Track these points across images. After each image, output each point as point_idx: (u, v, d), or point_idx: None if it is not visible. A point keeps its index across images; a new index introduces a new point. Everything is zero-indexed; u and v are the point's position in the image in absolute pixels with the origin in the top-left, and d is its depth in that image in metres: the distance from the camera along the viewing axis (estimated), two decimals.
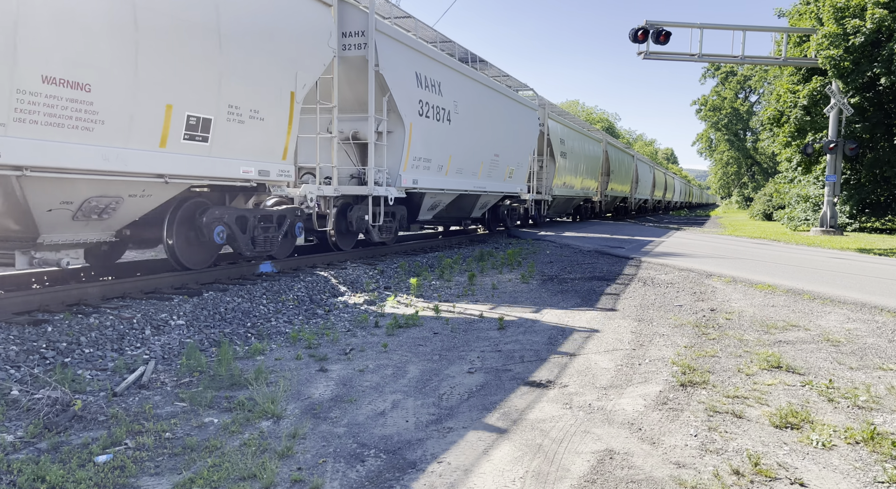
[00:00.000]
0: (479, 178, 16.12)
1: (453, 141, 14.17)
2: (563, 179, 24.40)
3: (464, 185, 15.14)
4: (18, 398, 4.23)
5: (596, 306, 8.14)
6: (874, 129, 23.97)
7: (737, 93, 69.62)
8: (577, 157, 26.64)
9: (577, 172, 26.83)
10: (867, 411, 4.31)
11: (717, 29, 23.08)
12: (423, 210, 14.17)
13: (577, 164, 26.45)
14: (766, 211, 42.40)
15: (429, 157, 12.97)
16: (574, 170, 25.99)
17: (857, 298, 8.44)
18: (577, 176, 26.85)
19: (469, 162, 15.28)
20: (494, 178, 17.09)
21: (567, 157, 24.72)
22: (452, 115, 14.00)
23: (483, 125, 15.93)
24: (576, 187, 26.89)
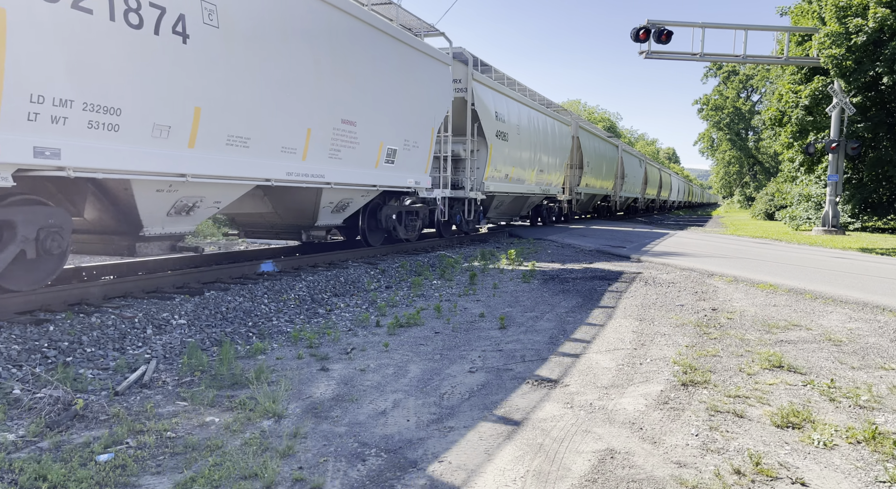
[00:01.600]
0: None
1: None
2: (503, 172, 17.70)
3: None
4: (20, 397, 4.23)
5: (597, 306, 8.13)
6: (876, 128, 23.93)
7: (739, 92, 69.55)
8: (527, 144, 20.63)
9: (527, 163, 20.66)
10: (869, 411, 4.30)
11: (719, 28, 23.06)
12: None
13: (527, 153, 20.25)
14: (768, 210, 42.36)
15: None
16: (518, 160, 18.88)
17: (858, 298, 8.43)
18: (530, 168, 20.30)
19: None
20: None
21: (509, 140, 17.93)
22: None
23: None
24: (529, 182, 20.12)
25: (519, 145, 17.79)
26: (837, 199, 23.66)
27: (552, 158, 21.04)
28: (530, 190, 18.53)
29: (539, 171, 19.48)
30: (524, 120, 18.40)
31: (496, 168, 15.38)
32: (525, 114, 18.69)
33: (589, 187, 28.16)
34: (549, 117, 21.05)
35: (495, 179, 15.33)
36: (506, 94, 16.79)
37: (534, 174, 18.40)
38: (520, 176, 18.69)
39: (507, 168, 16.71)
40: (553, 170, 21.19)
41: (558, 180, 23.10)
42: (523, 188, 18.27)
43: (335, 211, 10.80)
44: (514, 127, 17.26)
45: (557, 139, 21.99)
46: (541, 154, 19.53)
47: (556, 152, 21.99)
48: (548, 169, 20.21)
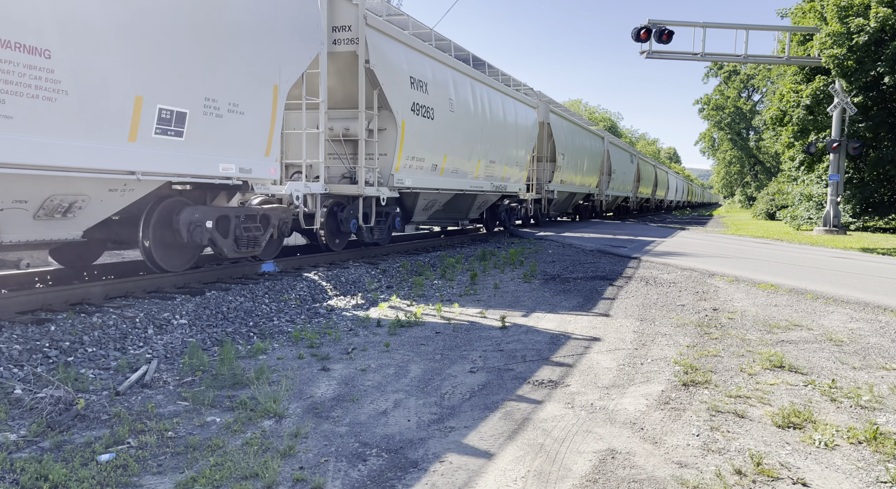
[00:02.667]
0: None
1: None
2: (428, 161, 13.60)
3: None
4: (21, 397, 4.24)
5: (598, 305, 8.13)
6: (878, 128, 23.92)
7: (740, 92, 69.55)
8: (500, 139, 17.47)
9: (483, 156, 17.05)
10: (870, 411, 4.30)
11: (720, 28, 23.07)
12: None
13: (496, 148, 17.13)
14: (769, 210, 42.34)
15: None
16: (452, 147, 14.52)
17: (860, 298, 8.42)
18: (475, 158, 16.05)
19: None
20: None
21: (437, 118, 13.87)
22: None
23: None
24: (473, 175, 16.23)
25: (453, 126, 13.25)
26: (839, 198, 23.65)
27: (510, 148, 16.78)
28: (476, 186, 14.37)
29: (489, 162, 15.41)
30: (463, 93, 13.82)
31: (414, 155, 11.48)
32: (465, 85, 14.05)
33: (566, 184, 23.93)
34: (507, 95, 16.82)
35: (414, 170, 11.38)
36: (432, 56, 12.23)
37: (480, 166, 14.46)
38: (458, 167, 13.98)
39: (435, 156, 12.52)
40: (511, 162, 17.00)
41: (520, 175, 18.52)
42: (464, 183, 14.04)
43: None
44: (445, 101, 12.84)
45: (518, 124, 17.39)
46: (491, 141, 15.33)
47: (515, 140, 17.47)
48: (502, 160, 16.06)
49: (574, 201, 27.28)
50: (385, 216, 11.87)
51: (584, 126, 27.55)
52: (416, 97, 11.72)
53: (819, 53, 22.95)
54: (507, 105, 16.96)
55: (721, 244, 17.76)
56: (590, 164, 27.35)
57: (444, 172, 13.41)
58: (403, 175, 11.63)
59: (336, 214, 10.89)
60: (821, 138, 24.89)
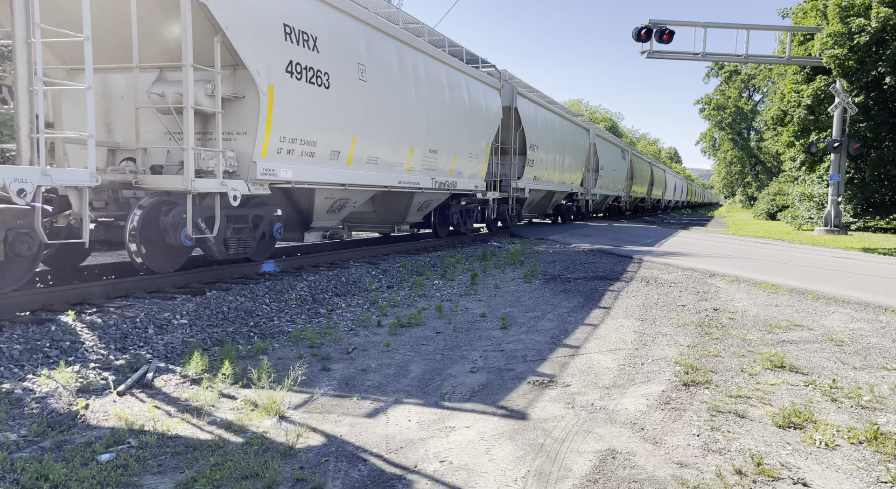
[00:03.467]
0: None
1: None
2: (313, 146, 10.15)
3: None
4: (22, 397, 4.24)
5: (598, 306, 8.13)
6: (879, 128, 23.91)
7: (740, 92, 69.56)
8: None
9: None
10: (870, 411, 4.30)
11: (721, 27, 23.07)
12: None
13: None
14: (770, 210, 42.34)
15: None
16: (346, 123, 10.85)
17: (861, 298, 8.41)
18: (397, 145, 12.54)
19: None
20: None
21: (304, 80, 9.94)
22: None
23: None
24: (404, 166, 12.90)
25: (366, 101, 10.14)
26: (839, 198, 23.64)
27: (460, 135, 13.78)
28: (409, 182, 11.66)
29: (429, 151, 12.45)
30: (383, 58, 10.65)
31: (296, 136, 8.56)
32: (387, 49, 10.86)
33: (541, 181, 20.41)
34: (456, 70, 13.62)
35: (297, 158, 8.68)
36: (328, 1, 9.25)
37: (415, 156, 11.73)
38: (377, 156, 10.77)
39: (335, 139, 9.46)
40: (463, 153, 14.01)
41: (476, 169, 15.16)
42: (389, 178, 11.13)
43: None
44: (350, 65, 9.68)
45: (473, 106, 14.47)
46: (431, 124, 12.33)
47: (469, 126, 14.25)
48: (449, 150, 13.26)
49: (554, 201, 23.91)
50: (250, 222, 8.49)
51: (565, 115, 23.67)
52: (295, 54, 8.40)
53: (820, 53, 22.95)
54: (456, 81, 13.69)
55: (722, 244, 17.75)
56: (572, 158, 23.96)
57: (354, 162, 10.07)
58: (276, 163, 8.32)
59: (158, 220, 7.29)
60: (822, 138, 24.88)
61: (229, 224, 8.13)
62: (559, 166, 22.42)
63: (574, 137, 24.65)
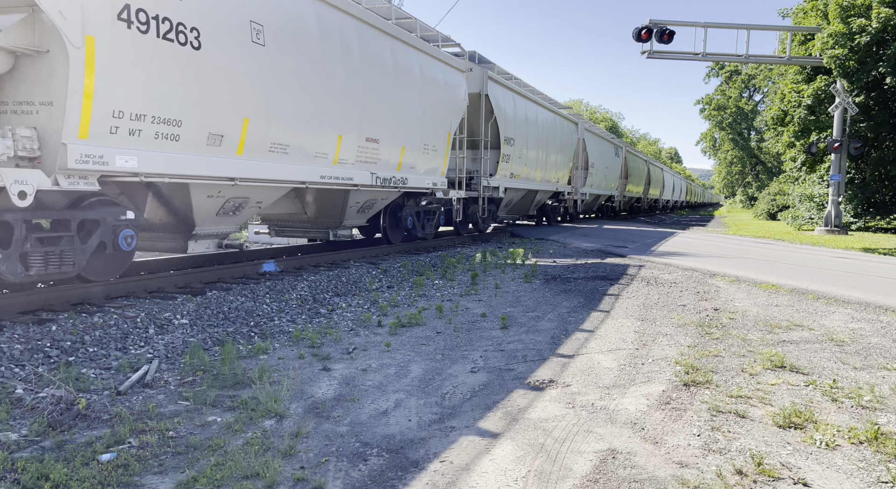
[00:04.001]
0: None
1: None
2: None
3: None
4: (23, 397, 4.24)
5: (599, 306, 8.13)
6: (879, 128, 23.90)
7: (741, 92, 69.52)
8: None
9: None
10: (871, 411, 4.30)
11: (722, 28, 23.07)
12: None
13: None
14: (771, 210, 42.32)
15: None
16: None
17: (861, 298, 8.41)
18: None
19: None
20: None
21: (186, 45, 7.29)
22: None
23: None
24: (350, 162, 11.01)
25: (264, 69, 8.03)
26: (840, 198, 23.63)
27: (412, 122, 11.81)
28: (340, 177, 9.73)
29: (366, 139, 10.40)
30: (290, 17, 8.55)
31: (141, 111, 6.44)
32: (296, 5, 8.71)
33: (519, 179, 18.35)
34: (407, 45, 11.60)
35: (151, 142, 6.64)
36: None
37: (346, 145, 9.86)
38: (290, 142, 8.74)
39: (214, 119, 7.39)
40: (417, 145, 12.02)
41: (434, 164, 13.00)
42: (310, 172, 9.18)
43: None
44: (236, 21, 7.60)
45: (429, 90, 12.25)
46: (368, 106, 10.36)
47: (424, 112, 12.17)
48: (397, 139, 11.32)
49: (537, 201, 21.59)
50: (74, 229, 6.42)
51: (549, 106, 21.32)
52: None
53: (820, 53, 22.94)
54: (406, 59, 11.51)
55: (722, 244, 17.75)
56: (558, 155, 21.85)
57: (249, 150, 7.88)
58: (108, 148, 6.23)
59: None
60: (822, 138, 24.87)
61: (29, 234, 5.97)
62: (542, 163, 20.28)
63: (560, 131, 22.42)
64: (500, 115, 16.33)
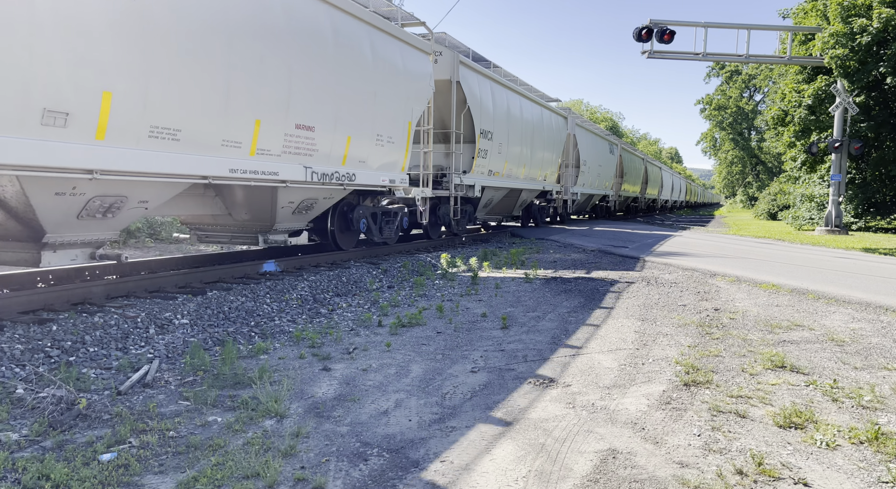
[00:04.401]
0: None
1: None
2: None
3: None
4: (23, 396, 4.25)
5: (599, 306, 8.13)
6: (879, 128, 23.90)
7: (741, 92, 69.52)
8: None
9: None
10: (871, 411, 4.29)
11: (722, 27, 23.09)
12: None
13: None
14: (771, 210, 42.31)
15: None
16: None
17: (862, 298, 8.41)
18: None
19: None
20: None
21: None
22: None
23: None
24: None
25: (71, 15, 5.48)
26: (840, 198, 23.63)
27: (359, 107, 9.92)
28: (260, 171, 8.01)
29: (297, 126, 8.64)
30: None
31: None
32: None
33: (498, 177, 16.62)
34: (342, 12, 9.44)
35: None
36: None
37: (268, 131, 8.09)
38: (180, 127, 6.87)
39: (5, 78, 5.05)
40: (367, 135, 10.29)
41: (393, 158, 11.26)
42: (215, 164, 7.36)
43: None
44: None
45: (380, 68, 10.40)
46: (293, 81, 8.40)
47: (376, 95, 10.32)
48: (340, 127, 9.54)
49: (522, 201, 19.67)
50: None
51: (534, 98, 19.44)
52: None
53: (821, 53, 22.94)
54: (349, 33, 9.62)
55: (722, 244, 17.75)
56: (545, 151, 20.09)
57: (115, 134, 6.09)
58: None
59: None
60: (822, 138, 24.87)
61: None
62: (526, 159, 18.43)
63: (547, 126, 20.47)
64: (474, 105, 14.59)
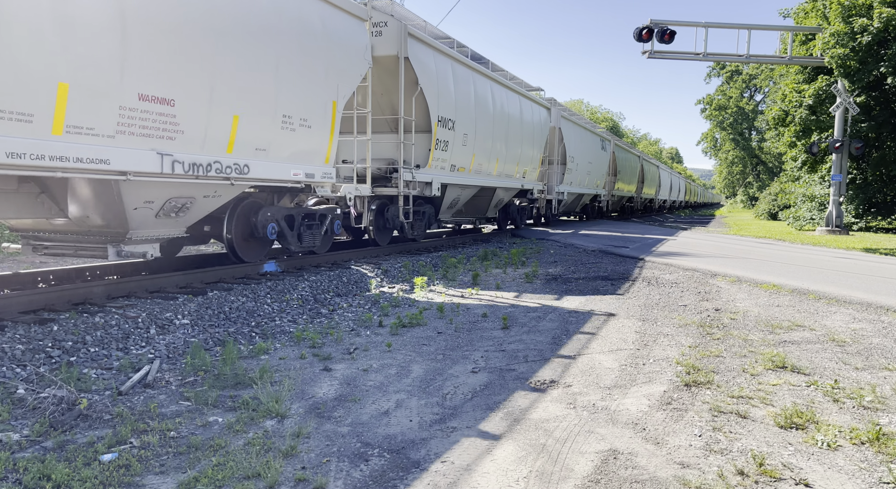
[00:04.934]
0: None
1: None
2: None
3: None
4: (24, 397, 4.25)
5: (600, 306, 8.12)
6: (880, 128, 23.88)
7: (742, 92, 69.48)
8: None
9: None
10: (872, 411, 4.29)
11: (722, 27, 23.07)
12: None
13: None
14: (772, 210, 42.30)
15: None
16: None
17: (862, 298, 8.40)
18: None
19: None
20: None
21: None
22: None
23: None
24: None
25: None
26: (841, 198, 23.62)
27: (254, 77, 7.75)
28: (50, 155, 5.51)
29: (144, 98, 6.31)
30: None
31: None
32: None
33: (461, 173, 14.46)
34: None
35: None
36: None
37: (63, 102, 5.55)
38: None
39: None
40: (272, 119, 8.15)
41: (309, 144, 9.03)
42: None
43: None
44: None
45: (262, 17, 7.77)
46: (126, 30, 6.03)
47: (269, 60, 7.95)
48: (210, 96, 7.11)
49: (498, 200, 17.62)
50: None
51: (509, 85, 17.27)
52: None
53: (821, 53, 22.92)
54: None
55: (723, 244, 17.74)
56: (523, 144, 18.07)
57: None
58: None
59: None
60: (823, 138, 24.85)
61: None
62: (499, 153, 16.40)
63: (527, 117, 18.39)
64: (428, 87, 12.38)
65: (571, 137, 23.70)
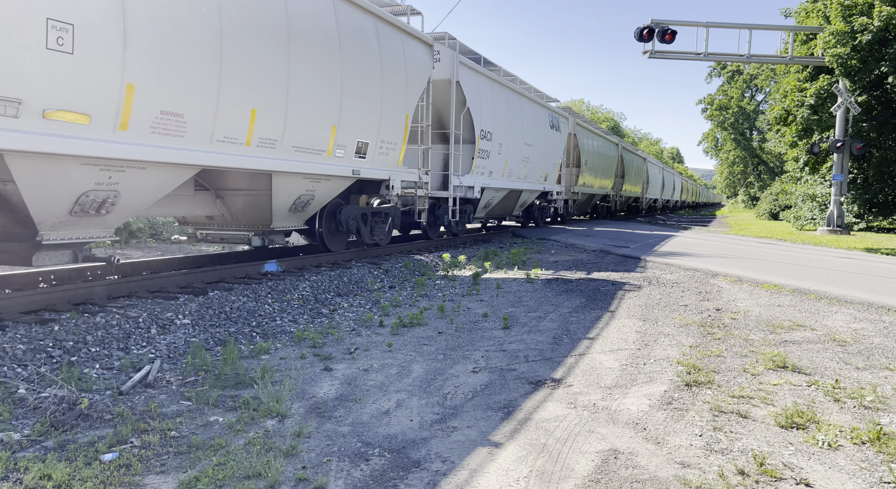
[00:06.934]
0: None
1: None
2: None
3: None
4: (25, 396, 4.25)
5: (601, 306, 8.12)
6: (881, 127, 23.85)
7: (743, 92, 69.40)
8: None
9: None
10: (873, 411, 4.29)
11: (723, 27, 23.06)
12: None
13: None
14: (773, 210, 42.26)
15: None
16: None
17: (863, 298, 8.40)
18: None
19: None
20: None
21: None
22: None
23: None
24: None
25: None
26: (842, 198, 23.60)
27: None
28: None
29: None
30: None
31: None
32: None
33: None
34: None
35: None
36: None
37: None
38: None
39: None
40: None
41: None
42: None
43: None
44: None
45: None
46: None
47: None
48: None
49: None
50: None
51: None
52: None
53: (822, 53, 22.90)
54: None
55: (724, 244, 17.73)
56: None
57: None
58: None
59: None
60: (824, 138, 24.83)
61: None
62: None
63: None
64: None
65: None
